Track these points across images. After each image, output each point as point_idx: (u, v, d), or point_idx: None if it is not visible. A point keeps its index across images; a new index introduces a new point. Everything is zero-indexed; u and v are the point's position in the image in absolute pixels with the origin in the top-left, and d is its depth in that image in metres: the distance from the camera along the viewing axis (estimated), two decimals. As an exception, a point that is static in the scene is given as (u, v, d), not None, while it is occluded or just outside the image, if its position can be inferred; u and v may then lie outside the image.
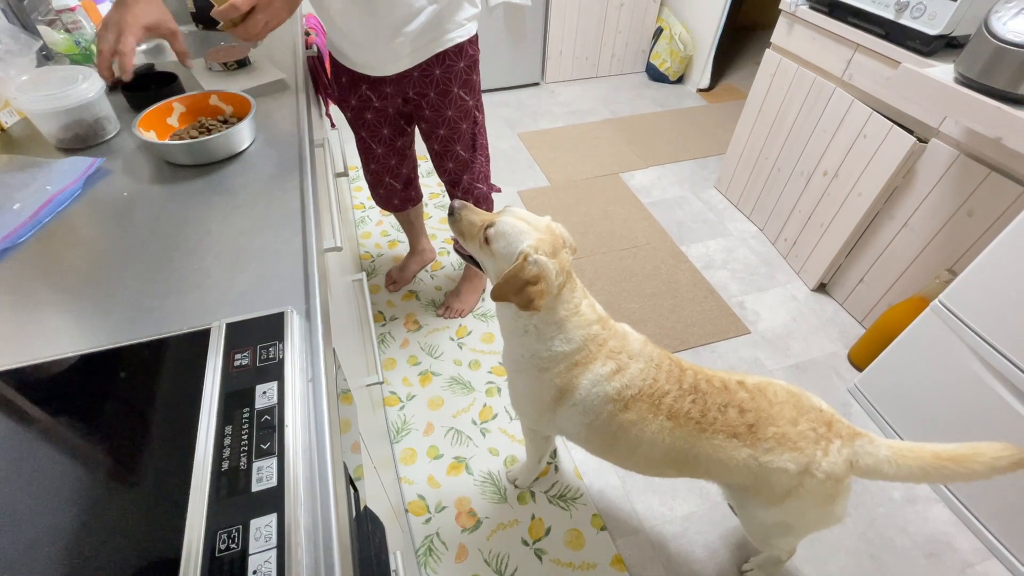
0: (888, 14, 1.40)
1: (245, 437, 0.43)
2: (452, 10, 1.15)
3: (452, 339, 1.69)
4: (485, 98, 2.96)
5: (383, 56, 1.17)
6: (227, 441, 0.43)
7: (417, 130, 1.46)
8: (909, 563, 1.22)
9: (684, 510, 1.30)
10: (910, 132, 1.43)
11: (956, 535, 1.27)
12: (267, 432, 0.44)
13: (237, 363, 0.49)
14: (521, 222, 0.86)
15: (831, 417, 0.84)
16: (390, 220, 2.14)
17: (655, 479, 1.35)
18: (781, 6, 1.78)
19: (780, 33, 1.84)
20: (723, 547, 1.24)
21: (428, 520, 1.27)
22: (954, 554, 1.23)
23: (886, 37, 1.43)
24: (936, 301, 1.23)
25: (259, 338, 0.51)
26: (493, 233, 0.87)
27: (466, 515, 1.28)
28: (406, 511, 1.29)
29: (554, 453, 1.40)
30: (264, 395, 0.47)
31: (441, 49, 1.18)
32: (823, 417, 0.84)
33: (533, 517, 1.28)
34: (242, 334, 0.52)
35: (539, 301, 0.82)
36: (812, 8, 1.66)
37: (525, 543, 1.23)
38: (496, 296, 0.85)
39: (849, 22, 1.54)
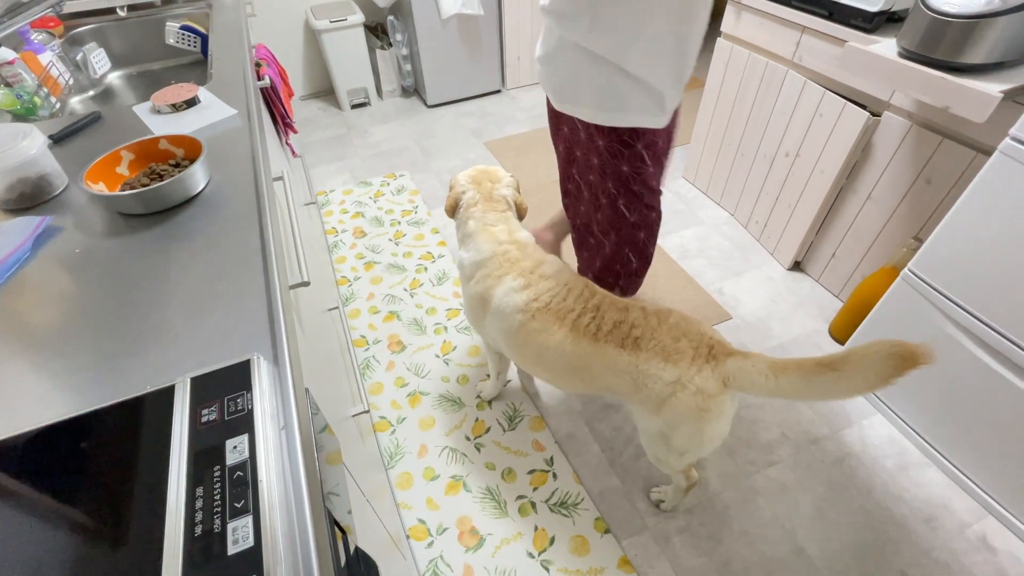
0: (829, -6, 1.43)
1: (218, 497, 0.42)
2: None
3: (438, 356, 1.68)
4: (447, 110, 2.98)
5: None
6: (199, 503, 0.41)
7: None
8: (909, 530, 1.24)
9: (685, 503, 1.30)
10: (863, 107, 1.46)
11: (951, 497, 1.29)
12: (240, 489, 0.42)
13: (204, 419, 0.48)
14: (486, 169, 1.24)
15: (713, 342, 0.92)
16: (364, 242, 2.12)
17: (653, 480, 1.35)
18: (727, -5, 1.81)
19: (729, 21, 1.87)
20: (728, 537, 1.24)
21: (431, 544, 1.25)
22: (952, 516, 1.25)
23: (830, 17, 1.47)
24: (906, 269, 1.25)
25: (226, 390, 0.50)
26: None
27: (468, 534, 1.26)
28: (407, 537, 1.26)
29: (551, 460, 1.39)
30: (235, 450, 0.45)
31: None
32: (705, 340, 0.92)
33: (536, 528, 1.26)
34: (208, 387, 0.50)
35: (447, 203, 1.21)
36: (757, -5, 1.69)
37: (531, 555, 1.22)
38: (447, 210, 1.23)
39: (793, 5, 1.57)
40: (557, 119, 1.27)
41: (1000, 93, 1.03)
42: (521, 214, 1.24)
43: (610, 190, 1.22)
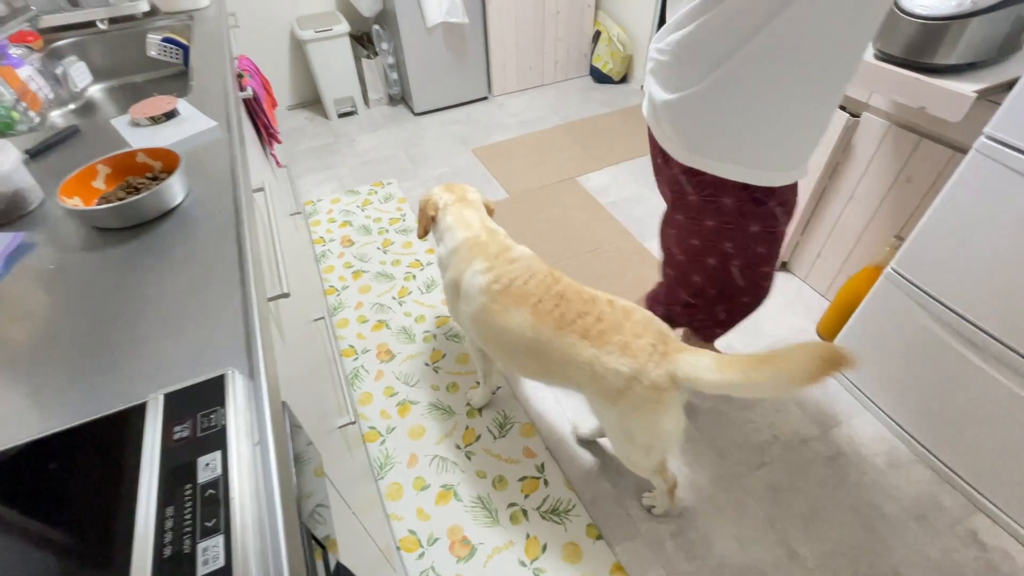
0: (807, -1, 1.45)
1: (188, 516, 0.41)
2: None
3: (427, 364, 1.67)
4: (434, 117, 2.99)
5: None
6: (169, 524, 0.41)
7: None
8: (901, 528, 1.24)
9: (676, 507, 1.29)
10: (843, 108, 1.48)
11: (940, 494, 1.29)
12: (212, 507, 0.41)
13: (177, 436, 0.47)
14: (454, 185, 1.33)
15: (668, 338, 0.96)
16: (352, 251, 2.11)
17: (645, 484, 1.35)
18: (708, 0, 1.83)
19: (710, 26, 1.88)
20: (720, 540, 1.24)
21: (421, 555, 1.23)
22: (941, 513, 1.26)
23: (808, 21, 1.48)
24: (889, 268, 1.26)
25: (200, 406, 0.49)
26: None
27: (460, 544, 1.25)
28: (398, 549, 1.25)
29: (542, 467, 1.38)
30: (207, 467, 0.44)
31: None
32: (663, 338, 0.95)
33: (528, 536, 1.25)
34: (181, 404, 0.49)
35: (427, 210, 1.29)
36: (736, -1, 1.71)
37: (523, 564, 1.21)
38: (419, 233, 1.33)
39: (772, 10, 1.59)
40: (659, 175, 1.10)
41: (974, 93, 1.04)
42: (489, 214, 1.32)
43: (726, 250, 1.05)
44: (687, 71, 0.87)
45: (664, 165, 1.02)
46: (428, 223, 1.30)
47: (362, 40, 2.99)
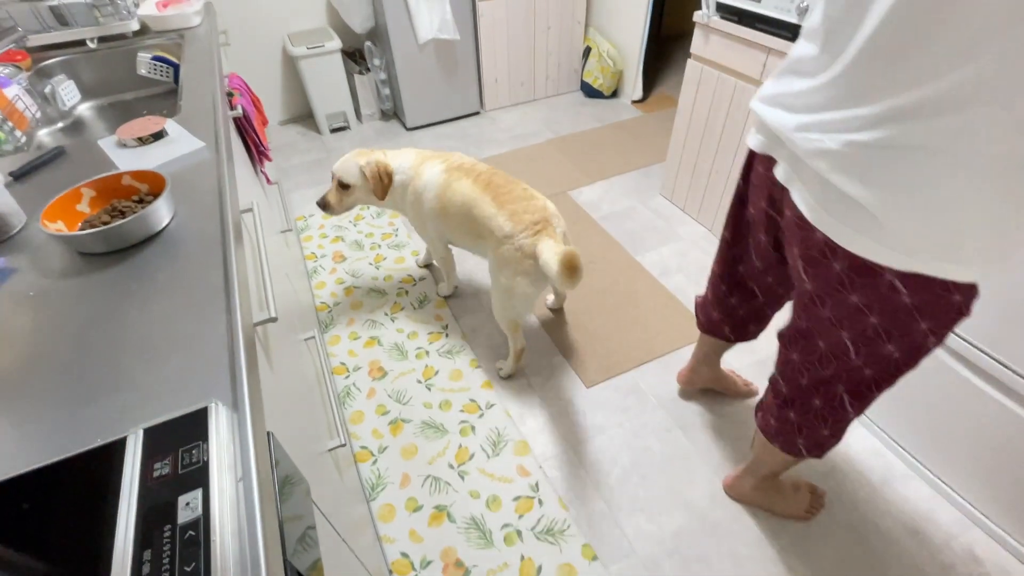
0: (791, 18, 1.48)
1: (167, 560, 0.39)
2: None
3: (419, 382, 1.65)
4: (427, 132, 3.00)
5: None
6: (146, 569, 0.39)
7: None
8: (896, 543, 1.23)
9: (673, 525, 1.28)
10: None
11: (936, 509, 1.29)
12: (192, 550, 0.40)
13: (157, 473, 0.45)
14: (345, 157, 1.62)
15: (548, 228, 1.33)
16: (344, 267, 2.10)
17: (640, 502, 1.33)
18: (695, 18, 1.85)
19: (698, 43, 1.91)
20: (717, 559, 1.23)
21: (414, 579, 1.21)
22: (938, 529, 1.25)
23: (793, 39, 1.51)
24: (879, 283, 1.27)
25: (181, 440, 0.48)
26: (335, 173, 1.62)
27: (453, 567, 1.23)
28: (390, 572, 1.23)
29: (536, 486, 1.36)
30: (187, 507, 0.43)
31: None
32: (545, 225, 1.33)
33: (523, 558, 1.23)
34: (162, 439, 0.48)
35: (385, 179, 1.59)
36: (723, 18, 1.74)
37: (517, 587, 1.19)
38: (379, 197, 1.62)
39: (758, 28, 1.61)
40: (824, 272, 0.85)
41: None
42: None
43: (928, 346, 0.86)
44: (934, 167, 0.67)
45: (853, 273, 0.81)
46: (388, 183, 1.59)
47: (354, 56, 3.00)
